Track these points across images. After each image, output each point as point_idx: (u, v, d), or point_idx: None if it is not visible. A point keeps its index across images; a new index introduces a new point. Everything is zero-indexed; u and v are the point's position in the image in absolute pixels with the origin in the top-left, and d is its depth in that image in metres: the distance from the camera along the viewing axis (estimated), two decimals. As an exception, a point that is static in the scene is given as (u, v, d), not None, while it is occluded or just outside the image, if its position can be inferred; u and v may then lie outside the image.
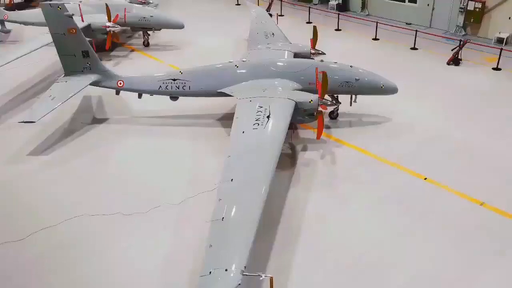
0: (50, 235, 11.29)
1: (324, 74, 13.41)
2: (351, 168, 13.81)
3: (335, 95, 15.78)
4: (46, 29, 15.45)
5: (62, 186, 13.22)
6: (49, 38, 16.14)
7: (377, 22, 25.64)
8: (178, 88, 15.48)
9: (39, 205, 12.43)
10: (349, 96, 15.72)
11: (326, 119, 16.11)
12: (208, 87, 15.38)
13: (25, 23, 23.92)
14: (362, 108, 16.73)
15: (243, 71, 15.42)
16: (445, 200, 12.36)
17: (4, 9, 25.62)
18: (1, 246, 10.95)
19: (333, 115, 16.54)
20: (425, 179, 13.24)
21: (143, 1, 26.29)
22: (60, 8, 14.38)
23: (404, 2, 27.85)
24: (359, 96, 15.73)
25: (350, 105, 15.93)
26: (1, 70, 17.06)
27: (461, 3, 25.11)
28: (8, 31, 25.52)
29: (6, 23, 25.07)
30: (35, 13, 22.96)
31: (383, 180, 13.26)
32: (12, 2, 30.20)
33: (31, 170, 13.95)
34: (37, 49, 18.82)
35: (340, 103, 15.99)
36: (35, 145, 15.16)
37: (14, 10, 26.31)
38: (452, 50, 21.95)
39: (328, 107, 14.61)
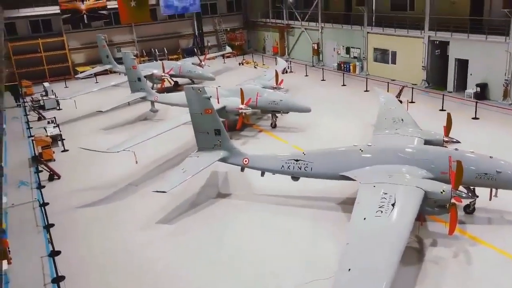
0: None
1: (459, 163, 12.36)
2: (487, 270, 12.15)
3: (472, 187, 14.30)
4: (187, 109, 17.08)
5: (181, 256, 13.77)
6: (187, 118, 17.83)
7: (522, 111, 23.43)
8: (300, 169, 15.54)
9: (157, 273, 13.02)
10: (489, 189, 14.12)
11: (460, 213, 14.53)
12: (330, 169, 15.19)
13: (171, 104, 26.97)
14: (505, 204, 14.82)
15: (368, 155, 14.99)
16: None
17: (156, 91, 29.39)
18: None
19: (469, 210, 14.89)
20: None
21: (275, 86, 27.90)
22: (200, 91, 15.94)
23: (556, 91, 25.25)
24: (500, 191, 14.04)
25: (490, 199, 14.24)
26: (144, 144, 19.11)
27: None
28: (156, 111, 28.98)
29: (155, 104, 28.55)
30: (179, 96, 25.78)
31: (531, 291, 11.22)
32: (163, 87, 34.48)
33: (158, 237, 14.90)
34: (177, 127, 20.92)
35: (478, 196, 14.40)
36: (164, 213, 16.22)
37: (164, 93, 29.92)
38: None
39: (463, 200, 13.24)
